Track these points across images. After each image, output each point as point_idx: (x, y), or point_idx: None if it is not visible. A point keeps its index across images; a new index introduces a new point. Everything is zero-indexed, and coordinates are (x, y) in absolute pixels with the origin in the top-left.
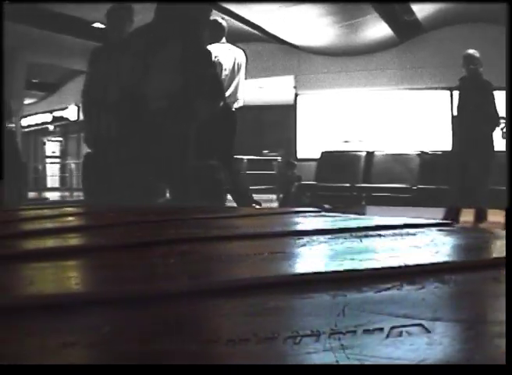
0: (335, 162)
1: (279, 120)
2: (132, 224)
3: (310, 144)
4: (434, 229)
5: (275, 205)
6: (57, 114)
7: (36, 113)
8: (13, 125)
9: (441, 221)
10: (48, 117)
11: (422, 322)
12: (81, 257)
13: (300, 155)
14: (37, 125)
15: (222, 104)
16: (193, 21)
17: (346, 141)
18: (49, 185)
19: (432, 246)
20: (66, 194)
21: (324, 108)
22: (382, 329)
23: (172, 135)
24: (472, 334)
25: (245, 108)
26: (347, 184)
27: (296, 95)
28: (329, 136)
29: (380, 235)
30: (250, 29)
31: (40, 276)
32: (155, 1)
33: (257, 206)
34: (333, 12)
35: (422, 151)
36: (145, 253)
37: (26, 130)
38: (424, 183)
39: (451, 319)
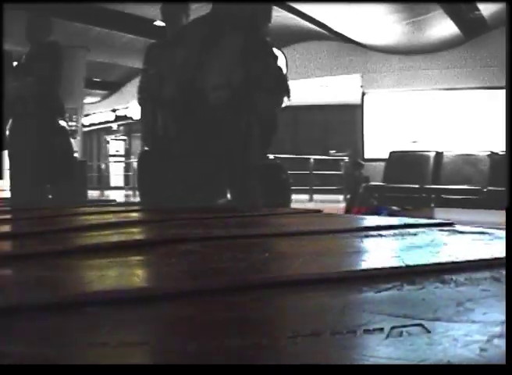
0: (403, 163)
1: (346, 120)
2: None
3: (377, 144)
4: (435, 229)
5: (341, 205)
6: (120, 113)
7: (98, 112)
8: (74, 123)
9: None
10: (111, 116)
11: None
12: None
13: (367, 155)
14: (99, 124)
15: (286, 99)
16: (253, 15)
17: (414, 141)
18: (113, 184)
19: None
20: (130, 193)
21: (391, 107)
22: None
23: (232, 131)
24: None
25: (312, 107)
26: (416, 185)
27: (363, 94)
28: (397, 136)
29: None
30: (316, 27)
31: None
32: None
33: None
34: (399, 9)
35: (492, 152)
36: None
37: (89, 128)
38: (495, 184)
39: None
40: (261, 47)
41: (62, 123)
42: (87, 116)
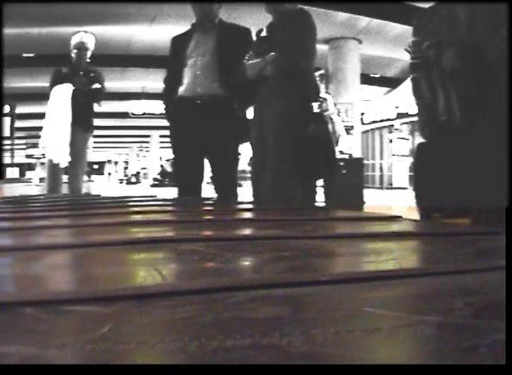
0: None
1: None
2: None
3: None
4: None
5: None
6: (401, 110)
7: (380, 109)
8: (350, 119)
9: None
10: (393, 113)
11: None
12: None
13: None
14: (381, 121)
15: None
16: None
17: None
18: (396, 184)
19: None
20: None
21: None
22: None
23: None
24: None
25: None
26: None
27: None
28: None
29: None
30: None
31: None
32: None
33: None
34: None
35: None
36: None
37: (371, 126)
38: None
39: None
40: None
41: (318, 108)
42: (365, 113)
